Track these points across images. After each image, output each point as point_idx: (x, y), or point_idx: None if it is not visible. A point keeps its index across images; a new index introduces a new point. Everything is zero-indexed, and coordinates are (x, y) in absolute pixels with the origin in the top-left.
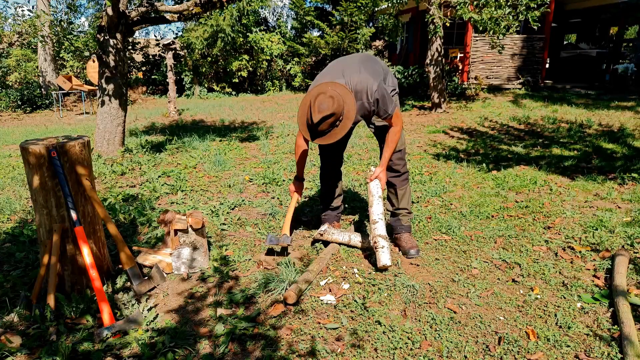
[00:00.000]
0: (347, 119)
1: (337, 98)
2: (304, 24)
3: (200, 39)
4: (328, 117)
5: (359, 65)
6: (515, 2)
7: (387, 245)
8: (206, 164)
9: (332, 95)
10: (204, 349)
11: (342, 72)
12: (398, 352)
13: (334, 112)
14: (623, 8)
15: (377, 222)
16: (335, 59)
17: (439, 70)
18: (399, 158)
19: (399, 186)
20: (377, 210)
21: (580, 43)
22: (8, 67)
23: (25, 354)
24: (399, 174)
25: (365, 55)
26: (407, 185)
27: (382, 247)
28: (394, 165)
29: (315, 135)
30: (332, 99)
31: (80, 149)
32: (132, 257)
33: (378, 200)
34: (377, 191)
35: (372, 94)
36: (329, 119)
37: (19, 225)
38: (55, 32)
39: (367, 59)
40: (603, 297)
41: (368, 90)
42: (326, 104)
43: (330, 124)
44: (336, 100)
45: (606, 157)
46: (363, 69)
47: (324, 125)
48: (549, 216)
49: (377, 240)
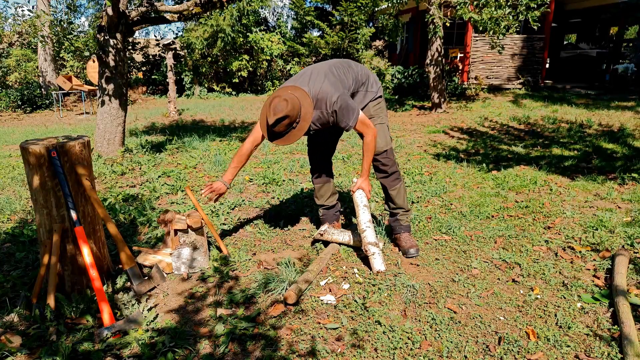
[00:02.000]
0: (304, 122)
1: (292, 101)
2: (304, 24)
3: (200, 39)
4: (282, 119)
5: (326, 73)
6: (515, 2)
7: (378, 251)
8: (206, 164)
9: (286, 98)
10: (204, 349)
11: (309, 79)
12: (398, 352)
13: (288, 114)
14: (623, 8)
15: (365, 231)
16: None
17: (439, 70)
18: (385, 157)
19: (389, 187)
20: (364, 219)
21: (580, 43)
22: (8, 67)
23: (25, 354)
24: (387, 175)
25: (339, 61)
26: (399, 184)
27: (373, 253)
28: (382, 166)
29: (273, 137)
30: (286, 101)
31: (80, 149)
32: (132, 257)
33: (364, 209)
34: (361, 200)
35: (331, 105)
36: (283, 121)
37: (19, 225)
38: (55, 32)
39: (339, 66)
40: (603, 297)
41: (327, 101)
42: (280, 107)
43: (285, 125)
44: (290, 103)
45: (606, 157)
46: (327, 79)
47: (280, 126)
48: (549, 216)
49: (368, 248)
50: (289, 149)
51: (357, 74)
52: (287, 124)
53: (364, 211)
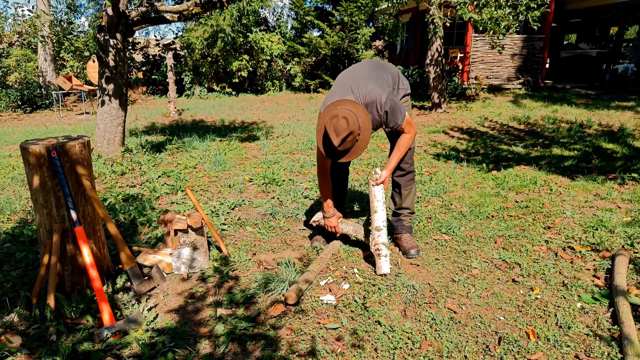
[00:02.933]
0: (366, 131)
1: (350, 116)
2: (304, 24)
3: (200, 39)
4: (347, 136)
5: (368, 77)
6: (515, 2)
7: (389, 253)
8: (206, 164)
9: (344, 115)
10: (204, 349)
11: (351, 87)
12: (398, 352)
13: (351, 130)
14: (623, 8)
15: (381, 230)
16: (344, 71)
17: (439, 70)
18: (408, 157)
19: (403, 185)
20: (380, 217)
21: (580, 43)
22: (8, 67)
23: (25, 354)
24: (405, 173)
25: (373, 62)
26: (413, 185)
27: (385, 255)
28: (403, 164)
29: (339, 156)
30: (345, 119)
31: (80, 149)
32: (132, 257)
33: (382, 206)
34: (381, 196)
35: (382, 106)
36: (348, 138)
37: (19, 225)
38: (55, 32)
39: (376, 67)
40: (603, 297)
41: (377, 103)
42: (341, 126)
43: (351, 141)
44: (350, 119)
45: (606, 157)
46: (372, 81)
47: (345, 144)
48: (549, 216)
49: (380, 248)
50: (289, 149)
51: (391, 73)
52: (352, 140)
53: (382, 209)
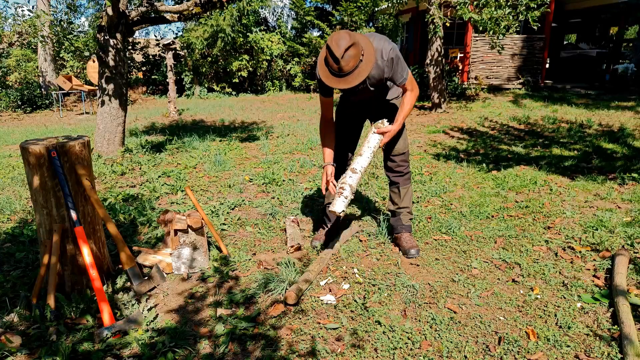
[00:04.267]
0: (369, 54)
1: (352, 34)
2: (304, 24)
3: (200, 39)
4: (349, 47)
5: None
6: (515, 2)
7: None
8: (206, 164)
9: (347, 32)
10: (204, 349)
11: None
12: (398, 352)
13: (354, 42)
14: (623, 8)
15: (355, 173)
16: None
17: (439, 70)
18: (403, 160)
19: (402, 184)
20: (362, 161)
21: (580, 43)
22: (8, 67)
23: (25, 354)
24: (402, 174)
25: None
26: (410, 185)
27: (346, 197)
28: (398, 167)
29: (341, 81)
30: (348, 34)
31: (80, 149)
32: (132, 257)
33: (370, 154)
34: (374, 145)
35: (387, 53)
36: (350, 50)
37: (19, 225)
38: (55, 32)
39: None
40: (603, 297)
41: (383, 50)
42: (344, 38)
43: (354, 56)
44: (352, 35)
45: (606, 157)
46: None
47: (349, 60)
48: (549, 216)
49: (345, 188)
50: (289, 149)
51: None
52: (355, 55)
53: (369, 157)
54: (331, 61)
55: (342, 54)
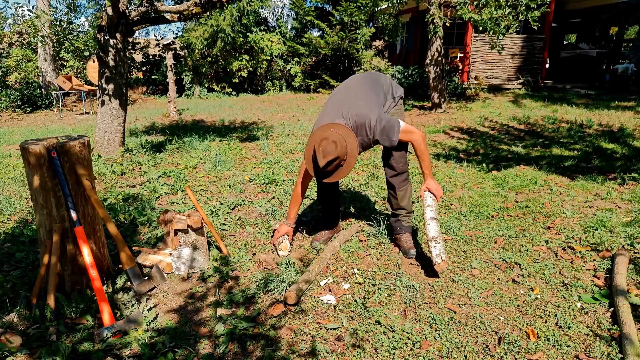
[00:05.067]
0: (352, 158)
1: (339, 141)
2: (304, 24)
3: (200, 39)
4: (333, 160)
5: (357, 97)
6: (515, 2)
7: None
8: (206, 164)
9: (334, 139)
10: (204, 349)
11: (341, 111)
12: (398, 352)
13: (338, 155)
14: (623, 8)
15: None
16: (337, 87)
17: (439, 70)
18: (400, 156)
19: (398, 187)
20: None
21: (580, 43)
22: (8, 67)
23: (25, 354)
24: (397, 173)
25: (366, 77)
26: (407, 185)
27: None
28: (394, 162)
29: (322, 177)
30: (334, 143)
31: (80, 149)
32: (132, 257)
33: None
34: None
35: (371, 130)
36: (334, 162)
37: (19, 225)
38: (55, 32)
39: (366, 82)
40: (603, 297)
41: (367, 126)
42: (330, 149)
43: (335, 165)
44: (339, 144)
45: (606, 157)
46: (362, 102)
47: (330, 167)
48: (549, 216)
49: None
50: (289, 149)
51: (383, 86)
52: (337, 164)
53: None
54: (316, 162)
55: (325, 165)
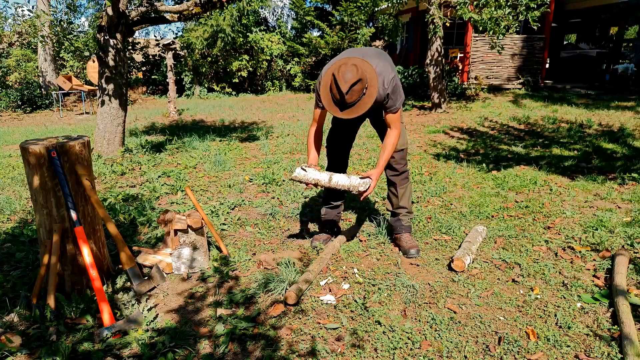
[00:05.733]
0: (372, 87)
1: (360, 65)
2: (304, 24)
3: (200, 39)
4: (355, 83)
5: (377, 54)
6: (515, 2)
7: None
8: (206, 164)
9: (354, 63)
10: (204, 349)
11: (361, 55)
12: (398, 352)
13: (361, 77)
14: (623, 8)
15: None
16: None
17: (439, 70)
18: (401, 157)
19: (399, 185)
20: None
21: (580, 43)
22: (8, 67)
23: (25, 354)
24: (399, 173)
25: (380, 50)
26: (408, 184)
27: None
28: (395, 164)
29: (344, 107)
30: (355, 66)
31: (80, 149)
32: (132, 257)
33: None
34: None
35: (389, 82)
36: (356, 86)
37: (19, 225)
38: (55, 32)
39: (383, 53)
40: (603, 297)
41: (385, 77)
42: (351, 73)
43: (358, 91)
44: (359, 67)
45: (606, 157)
46: (382, 58)
47: (353, 94)
48: (549, 216)
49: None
50: (289, 149)
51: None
52: (360, 90)
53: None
54: (335, 90)
55: (347, 90)
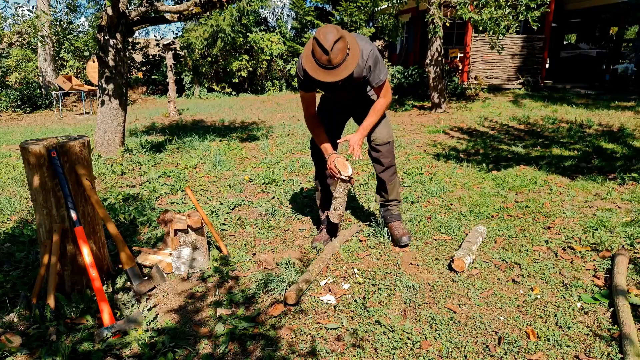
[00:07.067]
0: (354, 49)
1: (339, 29)
2: (304, 24)
3: (200, 39)
4: (338, 40)
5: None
6: (515, 2)
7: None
8: (206, 164)
9: (334, 26)
10: (204, 349)
11: None
12: (398, 352)
13: (342, 35)
14: (623, 8)
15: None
16: None
17: (439, 70)
18: (388, 150)
19: (388, 181)
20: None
21: (580, 43)
22: (8, 67)
23: (25, 354)
24: (385, 168)
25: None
26: (396, 178)
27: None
28: (383, 158)
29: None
30: (335, 28)
31: (80, 149)
32: (132, 257)
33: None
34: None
35: (367, 53)
36: (339, 43)
37: (19, 225)
38: (55, 32)
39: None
40: (603, 297)
41: (364, 49)
42: (332, 33)
43: (342, 50)
44: (339, 29)
45: (606, 157)
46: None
47: (337, 52)
48: (549, 216)
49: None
50: (289, 149)
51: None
52: (343, 48)
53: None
54: (319, 53)
55: (332, 47)
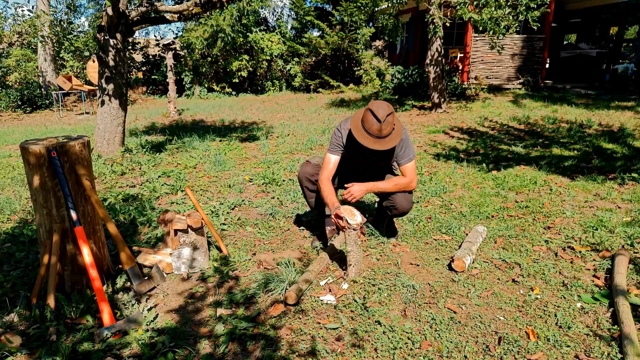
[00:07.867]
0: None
1: (390, 105)
2: (304, 24)
3: (200, 39)
4: (389, 114)
5: None
6: (515, 2)
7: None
8: (206, 164)
9: (386, 102)
10: (204, 349)
11: None
12: (398, 352)
13: (392, 111)
14: (623, 8)
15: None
16: None
17: (439, 70)
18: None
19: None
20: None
21: (580, 43)
22: (8, 67)
23: (25, 354)
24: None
25: None
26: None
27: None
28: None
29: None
30: (387, 104)
31: (80, 149)
32: (132, 257)
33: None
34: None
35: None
36: (390, 117)
37: (19, 225)
38: (55, 32)
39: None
40: (603, 297)
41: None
42: (383, 109)
43: (391, 123)
44: (390, 106)
45: (606, 157)
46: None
47: (387, 125)
48: (549, 216)
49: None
50: (289, 149)
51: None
52: (392, 122)
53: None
54: (370, 123)
55: (384, 118)
